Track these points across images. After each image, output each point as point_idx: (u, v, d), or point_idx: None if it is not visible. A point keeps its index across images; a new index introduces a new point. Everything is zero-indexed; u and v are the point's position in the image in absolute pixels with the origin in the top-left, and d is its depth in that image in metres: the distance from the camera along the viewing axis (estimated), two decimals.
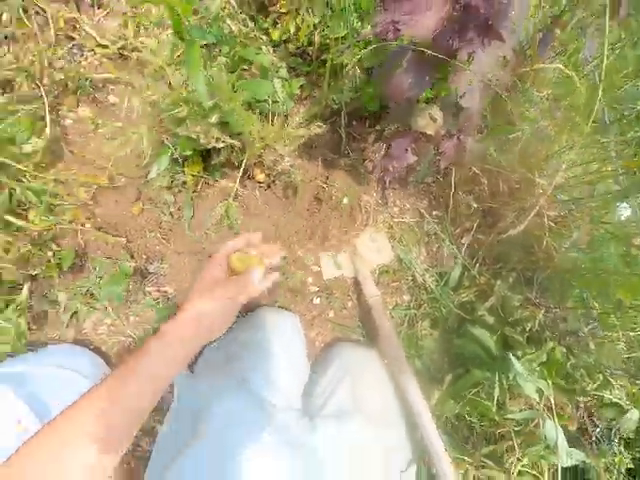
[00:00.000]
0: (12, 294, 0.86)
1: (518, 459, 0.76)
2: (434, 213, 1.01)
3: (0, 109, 0.78)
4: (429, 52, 0.49)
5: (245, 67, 0.72)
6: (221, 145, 0.70)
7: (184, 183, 0.94)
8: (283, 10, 0.69)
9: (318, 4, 0.65)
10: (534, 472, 0.76)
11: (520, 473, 0.77)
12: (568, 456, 0.70)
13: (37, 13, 0.90)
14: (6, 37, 0.90)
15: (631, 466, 0.73)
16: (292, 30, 0.71)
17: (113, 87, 0.96)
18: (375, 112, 0.98)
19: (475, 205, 0.93)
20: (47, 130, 0.82)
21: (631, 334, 0.75)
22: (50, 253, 0.81)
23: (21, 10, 0.86)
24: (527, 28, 0.69)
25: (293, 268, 0.91)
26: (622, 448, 0.73)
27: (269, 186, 0.94)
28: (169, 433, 0.70)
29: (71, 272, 0.91)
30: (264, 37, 0.71)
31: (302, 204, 0.93)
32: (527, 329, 0.80)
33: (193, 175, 0.93)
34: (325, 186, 0.92)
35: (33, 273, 0.79)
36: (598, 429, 0.75)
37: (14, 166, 0.79)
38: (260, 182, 0.94)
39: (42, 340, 0.89)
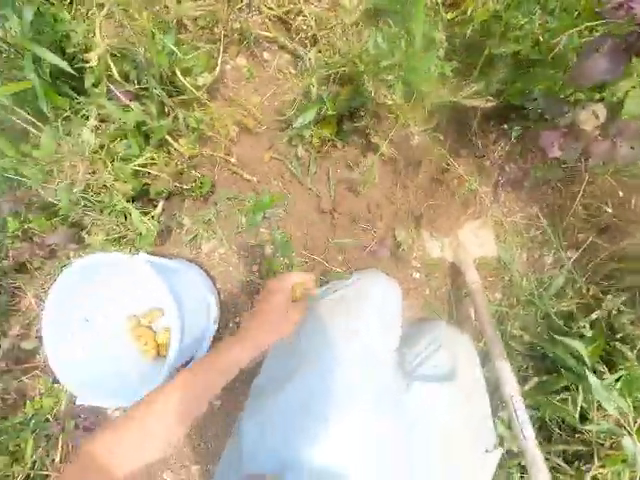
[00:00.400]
0: (149, 207, 0.97)
1: (600, 467, 0.74)
2: (543, 220, 1.01)
3: (186, 43, 0.88)
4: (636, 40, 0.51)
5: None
6: (389, 102, 0.75)
7: (312, 143, 1.02)
8: None
9: None
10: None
11: (596, 478, 0.76)
12: None
13: None
14: None
15: None
16: (468, 11, 0.75)
17: (268, 45, 1.06)
18: (505, 112, 1.00)
19: (595, 219, 0.92)
20: (217, 68, 0.92)
21: None
22: (196, 174, 0.90)
23: None
24: None
25: (401, 238, 0.95)
26: None
27: (391, 160, 0.99)
28: (273, 365, 0.75)
29: (198, 200, 1.01)
30: (443, 14, 0.77)
31: (421, 182, 0.97)
32: (636, 347, 0.78)
33: (322, 136, 0.99)
34: (448, 169, 0.95)
35: (185, 187, 0.88)
36: None
37: (182, 93, 0.90)
38: (382, 155, 0.98)
39: (164, 254, 1.00)
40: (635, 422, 0.71)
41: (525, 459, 0.69)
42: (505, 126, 1.02)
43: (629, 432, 0.69)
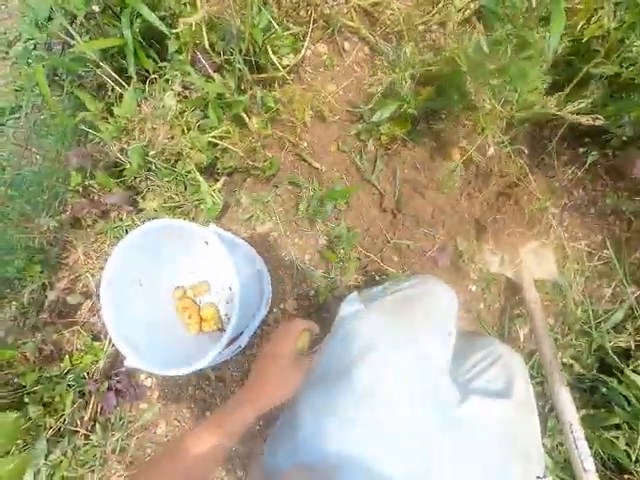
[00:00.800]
0: (210, 181, 0.97)
1: None
2: (609, 251, 0.98)
3: (279, 24, 0.88)
4: None
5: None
6: (488, 106, 0.73)
7: (380, 140, 1.00)
8: (580, 6, 0.71)
9: (632, 8, 0.67)
10: None
11: None
12: None
13: None
14: None
15: None
16: (579, 27, 0.73)
17: (350, 35, 1.05)
18: (582, 136, 0.97)
19: None
20: (303, 51, 0.91)
21: None
22: (267, 153, 0.90)
23: None
24: None
25: (463, 248, 0.93)
26: None
27: (464, 167, 0.97)
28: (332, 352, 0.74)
29: (261, 180, 1.00)
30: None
31: (489, 194, 0.95)
32: None
33: (393, 134, 0.98)
34: (518, 184, 0.93)
35: (257, 165, 0.87)
36: None
37: (266, 73, 0.90)
38: (457, 162, 0.97)
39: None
40: None
41: None
42: (580, 150, 0.99)
43: None
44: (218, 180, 0.98)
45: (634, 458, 0.72)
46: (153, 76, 0.84)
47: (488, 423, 0.68)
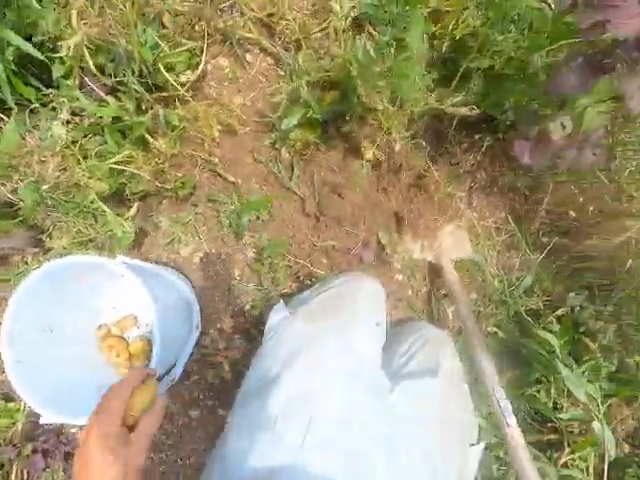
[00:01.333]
0: (122, 208, 0.92)
1: (570, 454, 0.80)
2: (513, 225, 1.08)
3: (169, 40, 0.86)
4: (603, 59, 0.58)
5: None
6: (380, 107, 0.77)
7: (295, 147, 1.02)
8: (448, 8, 0.79)
9: (491, 7, 0.75)
10: (581, 465, 0.80)
11: (566, 465, 0.81)
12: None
13: None
14: None
15: None
16: (450, 27, 0.80)
17: (251, 47, 1.05)
18: (477, 123, 1.07)
19: (557, 223, 1.00)
20: (200, 66, 0.90)
21: None
22: (178, 174, 0.87)
23: None
24: None
25: (385, 241, 0.97)
26: None
27: (375, 165, 1.02)
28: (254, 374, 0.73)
29: (177, 202, 0.97)
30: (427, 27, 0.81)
31: (402, 187, 1.01)
32: (598, 340, 0.85)
33: (306, 140, 1.00)
34: (426, 175, 1.00)
35: (167, 187, 0.84)
36: None
37: (164, 90, 0.87)
38: (368, 160, 1.01)
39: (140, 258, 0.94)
40: (602, 407, 0.77)
41: (508, 447, 0.72)
42: (476, 136, 1.09)
43: (597, 417, 0.75)
44: (131, 207, 0.93)
45: (551, 405, 0.79)
46: (34, 105, 0.78)
47: (421, 404, 0.71)
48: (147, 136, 0.86)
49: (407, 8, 0.58)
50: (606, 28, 0.51)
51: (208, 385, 0.96)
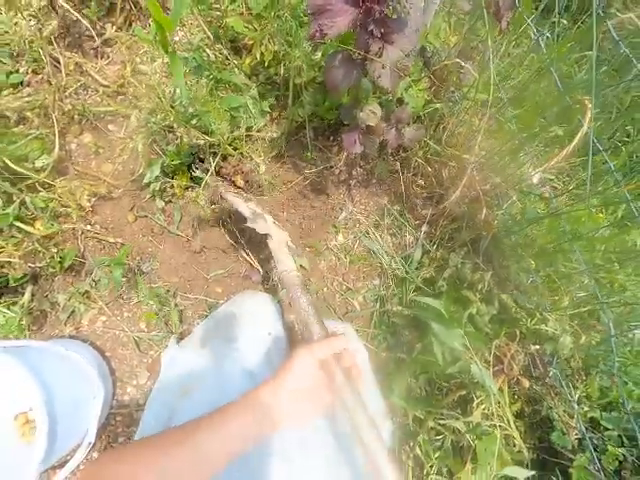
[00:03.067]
0: (16, 296, 0.96)
1: (477, 405, 0.82)
2: (395, 207, 1.15)
3: (15, 135, 0.93)
4: (351, 50, 0.66)
5: (224, 86, 0.89)
6: (201, 142, 0.84)
7: (173, 194, 1.08)
8: (249, 41, 0.88)
9: (277, 35, 0.84)
10: (496, 417, 0.82)
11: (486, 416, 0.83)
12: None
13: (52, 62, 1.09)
14: (21, 83, 1.09)
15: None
16: (258, 56, 0.89)
17: (112, 118, 1.14)
18: (336, 126, 1.16)
19: (425, 194, 1.07)
20: (56, 149, 0.96)
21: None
22: (54, 250, 0.92)
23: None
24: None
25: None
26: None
27: (248, 191, 1.08)
28: (158, 399, 0.76)
29: (70, 274, 1.01)
30: (236, 62, 0.90)
31: (279, 205, 1.07)
32: (479, 289, 0.90)
33: (181, 185, 1.07)
34: (300, 190, 1.06)
35: (39, 265, 0.88)
36: (551, 372, 0.82)
37: (26, 178, 0.93)
38: (240, 188, 1.08)
39: (41, 339, 0.96)
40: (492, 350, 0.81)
41: None
42: (339, 138, 1.17)
43: (476, 362, 0.78)
44: (23, 293, 0.96)
45: (441, 361, 0.82)
46: None
47: None
48: (19, 224, 0.92)
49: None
50: (324, 31, 0.59)
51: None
